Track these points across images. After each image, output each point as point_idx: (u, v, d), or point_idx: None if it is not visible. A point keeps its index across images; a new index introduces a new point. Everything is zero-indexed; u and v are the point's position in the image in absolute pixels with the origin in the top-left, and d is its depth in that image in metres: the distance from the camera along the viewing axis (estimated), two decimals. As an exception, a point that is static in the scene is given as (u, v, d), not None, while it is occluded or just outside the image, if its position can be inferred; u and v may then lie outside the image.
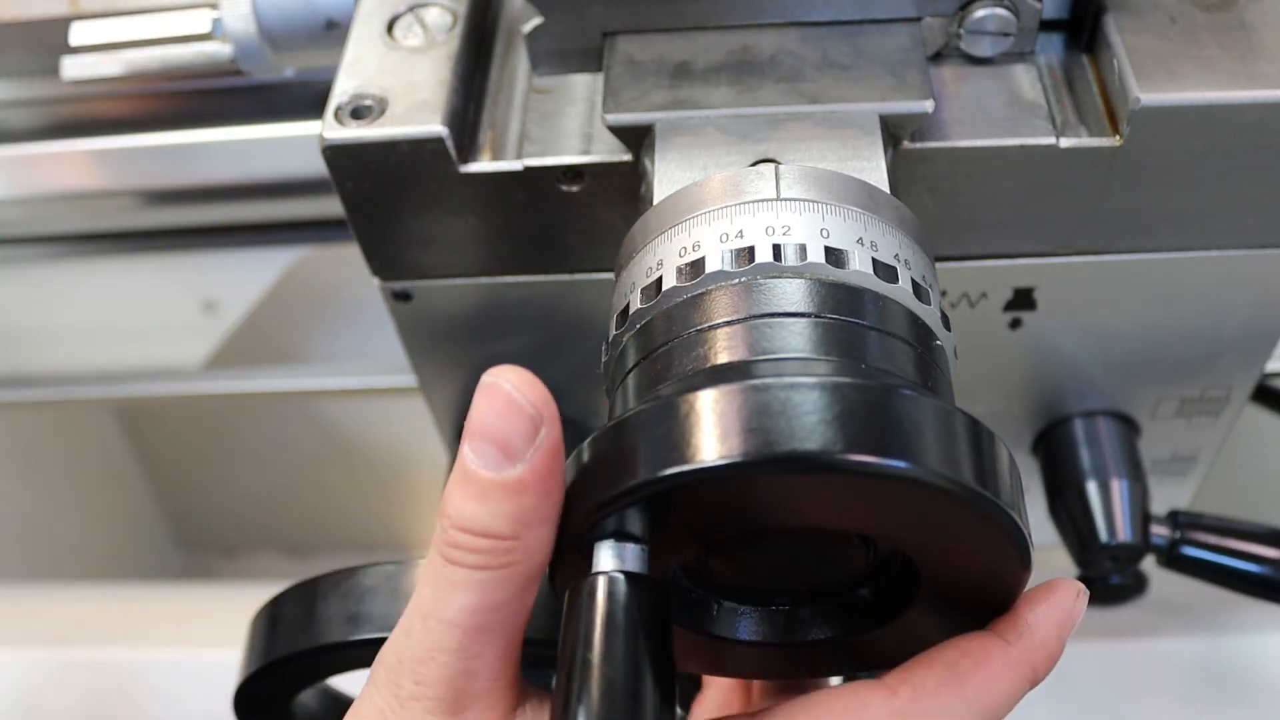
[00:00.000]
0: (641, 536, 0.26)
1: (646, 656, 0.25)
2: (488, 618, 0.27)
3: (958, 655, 0.28)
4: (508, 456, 0.26)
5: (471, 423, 0.26)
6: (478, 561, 0.26)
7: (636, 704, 0.25)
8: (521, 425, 0.26)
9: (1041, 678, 0.29)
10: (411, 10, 0.41)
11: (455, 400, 0.49)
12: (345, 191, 0.39)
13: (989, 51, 0.39)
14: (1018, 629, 0.28)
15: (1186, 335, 0.45)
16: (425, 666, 0.27)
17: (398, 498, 1.16)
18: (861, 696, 0.28)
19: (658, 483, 0.25)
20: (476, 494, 0.26)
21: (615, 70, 0.38)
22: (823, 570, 0.31)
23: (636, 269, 0.32)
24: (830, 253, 0.30)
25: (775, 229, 0.30)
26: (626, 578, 0.26)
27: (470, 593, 0.27)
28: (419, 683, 0.27)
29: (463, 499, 0.26)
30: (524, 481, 0.26)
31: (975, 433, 0.26)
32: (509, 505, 0.26)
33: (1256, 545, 0.48)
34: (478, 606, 0.27)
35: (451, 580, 0.27)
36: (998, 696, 0.28)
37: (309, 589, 0.37)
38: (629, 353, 0.31)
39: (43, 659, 0.62)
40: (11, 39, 0.56)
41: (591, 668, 0.25)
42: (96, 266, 0.89)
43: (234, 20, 0.44)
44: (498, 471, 0.26)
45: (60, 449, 1.04)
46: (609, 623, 0.25)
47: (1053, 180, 0.38)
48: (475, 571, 0.27)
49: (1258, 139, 0.37)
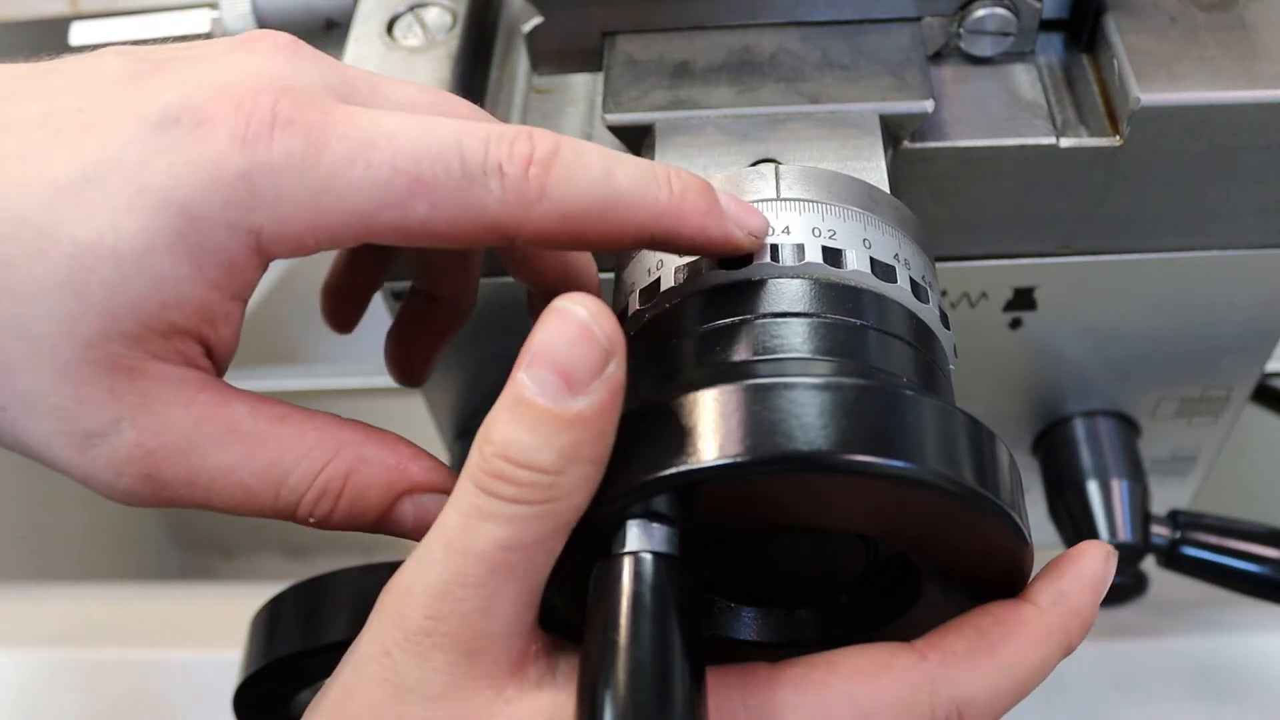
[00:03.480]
0: (672, 517, 0.26)
1: (677, 639, 0.24)
2: (515, 556, 0.25)
3: (990, 621, 0.27)
4: (569, 387, 0.24)
5: (534, 346, 0.25)
6: (516, 494, 0.25)
7: (666, 688, 0.24)
8: (591, 356, 0.25)
9: (1076, 645, 0.28)
10: (411, 10, 0.41)
11: (455, 400, 0.49)
12: (345, 191, 0.39)
13: (989, 51, 0.39)
14: (1050, 594, 0.27)
15: (1186, 335, 0.45)
16: (441, 600, 0.25)
17: (398, 498, 1.15)
18: (887, 656, 0.27)
19: (658, 483, 0.25)
20: (528, 422, 0.25)
21: (615, 70, 0.38)
22: (823, 571, 0.31)
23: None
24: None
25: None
26: (655, 557, 0.25)
27: (502, 526, 0.25)
28: (431, 617, 0.25)
29: (511, 425, 0.25)
30: (583, 417, 0.24)
31: (975, 433, 0.26)
32: (562, 438, 0.24)
33: (1256, 545, 0.48)
34: (508, 542, 0.25)
35: (483, 510, 0.25)
36: (1031, 665, 0.27)
37: (309, 589, 0.37)
38: (628, 353, 0.31)
39: (43, 659, 0.62)
40: (11, 39, 0.56)
41: (618, 650, 0.24)
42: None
43: (234, 20, 0.44)
44: (555, 402, 0.24)
45: (60, 449, 1.04)
46: (637, 603, 0.24)
47: (1053, 180, 0.38)
48: (511, 505, 0.25)
49: (1258, 139, 0.37)
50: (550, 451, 0.25)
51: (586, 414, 0.25)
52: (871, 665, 0.26)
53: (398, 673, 0.26)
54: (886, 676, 0.26)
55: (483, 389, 0.48)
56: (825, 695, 0.26)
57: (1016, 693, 0.27)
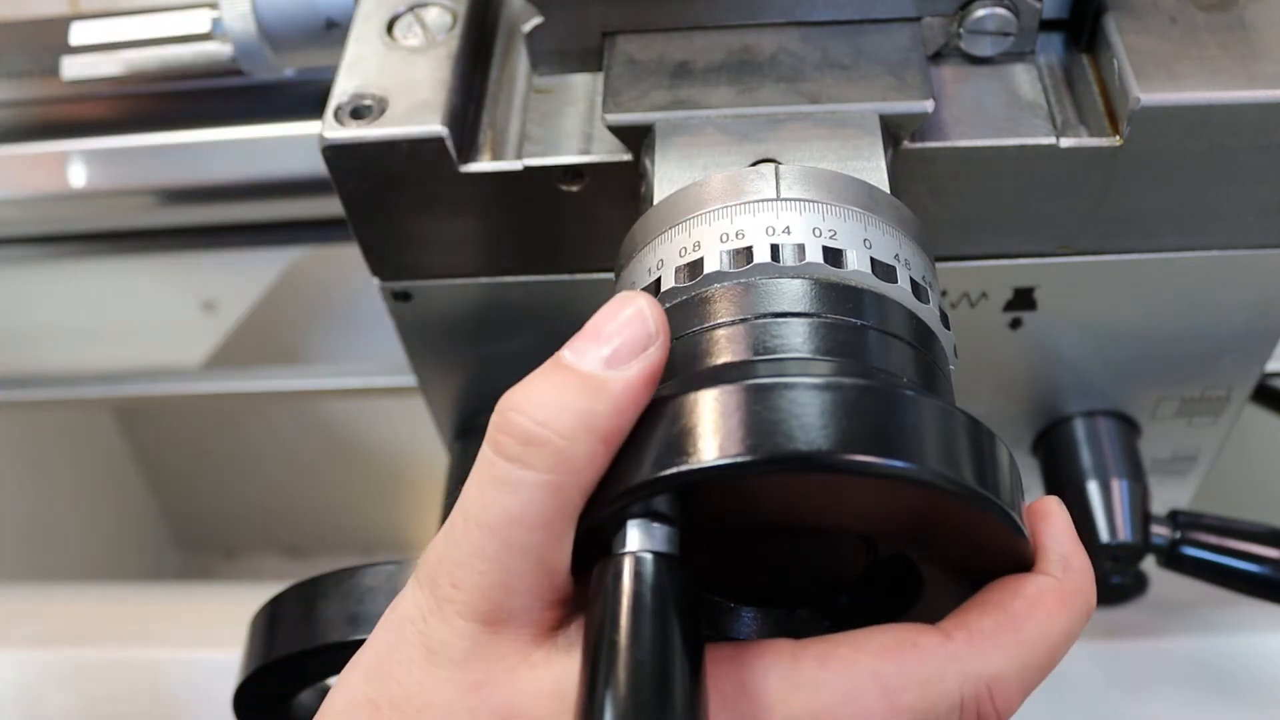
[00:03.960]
0: (672, 517, 0.26)
1: (677, 639, 0.24)
2: (527, 535, 0.25)
3: (1011, 597, 0.27)
4: (607, 359, 0.25)
5: (585, 326, 0.26)
6: (523, 454, 0.25)
7: (666, 687, 0.24)
8: (636, 335, 0.25)
9: (1095, 605, 0.27)
10: (411, 10, 0.41)
11: (455, 400, 0.49)
12: (345, 191, 0.39)
13: (989, 51, 0.39)
14: (1057, 562, 0.27)
15: (1186, 335, 0.45)
16: (462, 570, 0.26)
17: (397, 498, 1.16)
18: (912, 636, 0.26)
19: (658, 483, 0.25)
20: (555, 384, 0.25)
21: (615, 70, 0.38)
22: (823, 571, 0.31)
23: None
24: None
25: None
26: (655, 557, 0.25)
27: (510, 496, 0.25)
28: (455, 585, 0.26)
29: (538, 387, 0.25)
30: (609, 387, 0.25)
31: (975, 432, 0.26)
32: (582, 403, 0.25)
33: (1256, 545, 0.48)
34: (516, 516, 0.25)
35: (496, 478, 0.25)
36: (1057, 635, 0.27)
37: (309, 589, 0.37)
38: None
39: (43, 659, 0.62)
40: (11, 39, 0.56)
41: (619, 650, 0.24)
42: (96, 266, 0.89)
43: (234, 20, 0.44)
44: (588, 367, 0.25)
45: (60, 449, 1.04)
46: (637, 603, 0.24)
47: (1053, 180, 0.38)
48: (522, 470, 0.25)
49: (1258, 139, 0.37)
50: (568, 414, 0.25)
51: (614, 386, 0.25)
52: (897, 644, 0.26)
53: (429, 635, 0.27)
54: (912, 654, 0.26)
55: (483, 389, 0.48)
56: (850, 671, 0.26)
57: (1045, 665, 0.27)
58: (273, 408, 1.09)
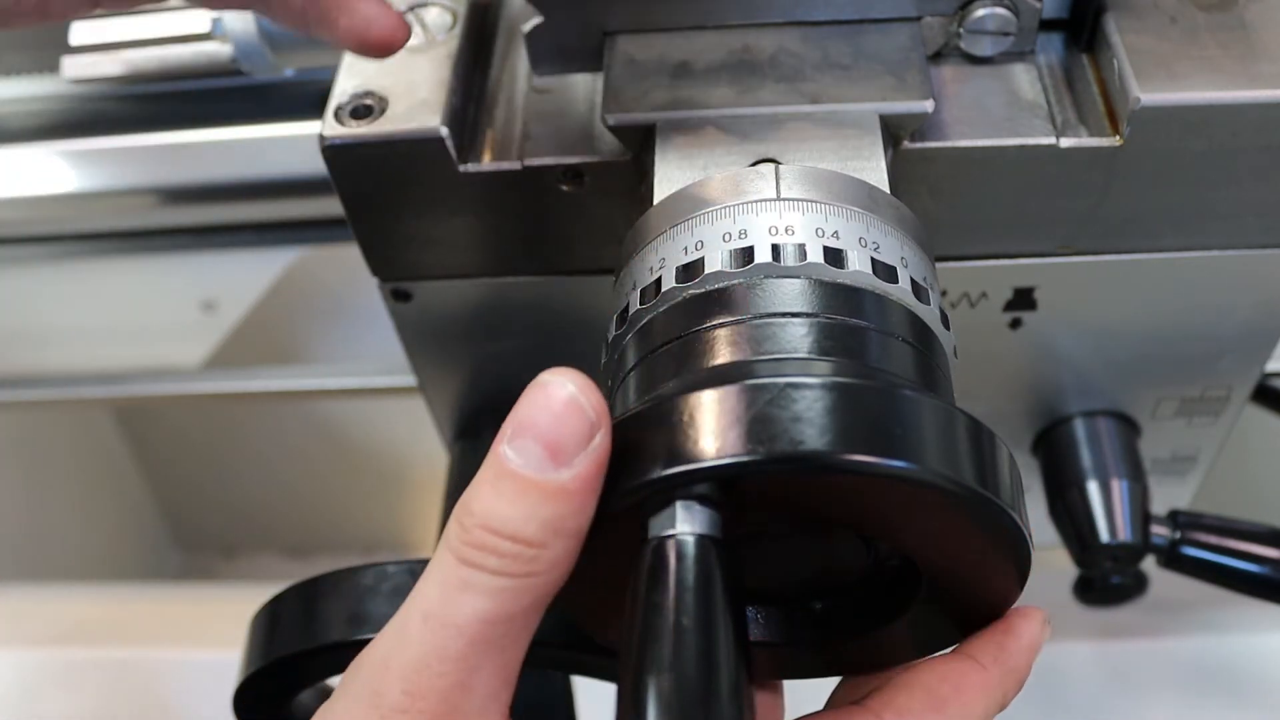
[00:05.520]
0: (717, 501, 0.25)
1: (726, 624, 0.24)
2: (497, 630, 0.25)
3: (937, 679, 0.29)
4: (554, 459, 0.24)
5: (518, 419, 0.25)
6: (499, 566, 0.24)
7: (711, 674, 0.23)
8: (578, 428, 0.24)
9: (1009, 702, 0.29)
10: (411, 10, 0.41)
11: (455, 400, 0.49)
12: (345, 191, 0.39)
13: (989, 51, 0.39)
14: (992, 653, 0.29)
15: (1186, 335, 0.45)
16: (420, 674, 0.25)
17: (398, 498, 1.16)
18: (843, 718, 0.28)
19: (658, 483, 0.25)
20: (512, 494, 0.24)
21: (615, 70, 0.38)
22: (823, 571, 0.31)
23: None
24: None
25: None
26: (699, 540, 0.25)
27: (484, 599, 0.25)
28: (408, 692, 0.25)
29: (494, 497, 0.25)
30: (567, 488, 0.24)
31: (975, 433, 0.26)
32: (545, 510, 0.24)
33: (1256, 545, 0.48)
34: (489, 615, 0.25)
35: (466, 582, 0.25)
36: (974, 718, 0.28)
37: (309, 589, 0.37)
38: (629, 353, 0.31)
39: (43, 659, 0.62)
40: (11, 39, 0.56)
41: (665, 634, 0.24)
42: (96, 266, 0.89)
43: (234, 20, 0.44)
44: (541, 473, 0.24)
45: (60, 449, 1.04)
46: (681, 586, 0.24)
47: (1053, 180, 0.38)
48: (494, 577, 0.25)
49: (1258, 139, 0.37)
50: (534, 524, 0.24)
51: (571, 486, 0.24)
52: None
53: None
54: None
55: (483, 389, 0.48)
56: None
57: None
58: (273, 408, 1.09)
